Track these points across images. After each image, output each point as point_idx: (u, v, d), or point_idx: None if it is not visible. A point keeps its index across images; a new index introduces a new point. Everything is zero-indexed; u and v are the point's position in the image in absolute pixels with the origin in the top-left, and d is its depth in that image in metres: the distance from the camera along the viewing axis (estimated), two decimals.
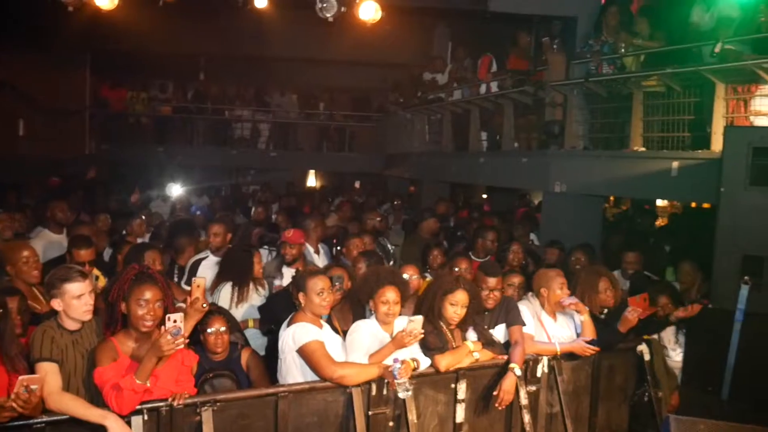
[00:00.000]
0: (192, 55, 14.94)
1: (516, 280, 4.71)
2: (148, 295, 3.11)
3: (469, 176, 10.57)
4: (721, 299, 4.06)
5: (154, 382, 3.06)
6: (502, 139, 9.50)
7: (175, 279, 5.31)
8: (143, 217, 7.24)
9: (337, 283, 4.05)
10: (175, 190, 11.72)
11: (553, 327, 4.36)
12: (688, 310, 4.43)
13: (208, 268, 5.16)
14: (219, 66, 15.49)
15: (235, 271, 4.83)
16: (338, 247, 6.16)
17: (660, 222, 10.98)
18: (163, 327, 2.98)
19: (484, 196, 13.01)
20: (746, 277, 3.91)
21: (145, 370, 2.99)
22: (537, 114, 8.82)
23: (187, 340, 3.11)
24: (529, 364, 4.03)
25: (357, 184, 13.66)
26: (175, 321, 2.98)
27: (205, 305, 3.34)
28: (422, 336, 3.60)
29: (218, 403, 3.22)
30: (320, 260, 5.82)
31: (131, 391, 2.96)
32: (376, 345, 3.68)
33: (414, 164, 12.78)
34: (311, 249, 5.97)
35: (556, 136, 8.09)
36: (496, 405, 3.81)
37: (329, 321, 3.93)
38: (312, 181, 17.62)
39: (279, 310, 4.23)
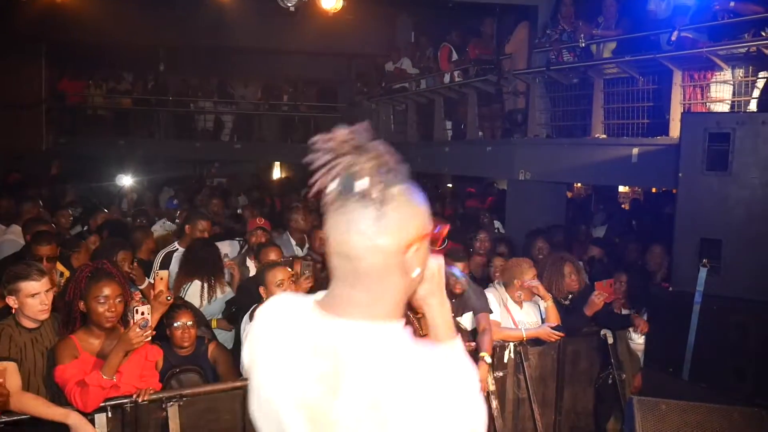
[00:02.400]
0: (151, 45, 14.61)
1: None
2: (107, 291, 3.05)
3: (434, 165, 10.61)
4: (681, 282, 4.14)
5: (119, 378, 3.01)
6: (466, 128, 9.56)
7: None
8: (105, 210, 7.10)
9: (306, 271, 4.04)
10: (126, 180, 11.48)
11: (519, 314, 4.42)
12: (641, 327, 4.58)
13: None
14: (179, 57, 15.19)
15: (203, 267, 4.74)
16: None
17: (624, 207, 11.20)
18: (131, 320, 2.96)
19: (449, 185, 13.07)
20: (704, 260, 3.99)
21: (112, 365, 2.95)
22: (500, 103, 8.89)
23: (153, 332, 3.08)
24: (496, 351, 4.08)
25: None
26: (143, 313, 2.96)
27: (169, 298, 3.30)
28: None
29: (184, 398, 3.19)
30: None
31: (98, 387, 2.91)
32: None
33: None
34: (293, 241, 5.99)
35: (520, 124, 8.17)
36: None
37: None
38: (278, 173, 17.46)
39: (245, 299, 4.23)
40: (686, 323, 4.16)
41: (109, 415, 3.00)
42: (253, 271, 5.04)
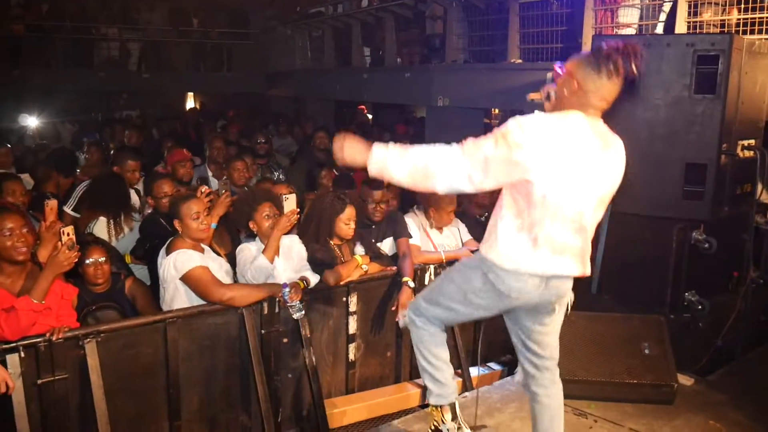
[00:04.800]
0: None
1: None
2: (10, 224, 2.90)
3: (352, 93, 10.47)
4: None
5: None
6: (384, 55, 9.42)
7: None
8: (8, 146, 6.67)
9: (222, 190, 4.03)
10: (31, 121, 10.75)
11: (438, 237, 4.51)
12: None
13: None
14: None
15: (109, 201, 4.54)
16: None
17: None
18: (59, 242, 2.93)
19: (369, 116, 12.97)
20: None
21: (42, 288, 2.89)
22: (419, 28, 8.78)
23: (78, 254, 3.00)
24: (417, 274, 4.16)
25: (230, 113, 12.83)
26: (68, 234, 2.93)
27: (62, 228, 3.19)
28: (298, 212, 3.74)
29: (102, 334, 3.10)
30: None
31: (29, 312, 2.83)
32: None
33: (297, 82, 12.46)
34: (210, 172, 6.00)
35: (437, 49, 8.13)
36: (396, 319, 3.94)
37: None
38: (191, 103, 16.77)
39: (153, 233, 4.13)
40: (595, 240, 4.37)
41: (22, 355, 2.89)
42: None
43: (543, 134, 2.32)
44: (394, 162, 2.43)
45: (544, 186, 2.33)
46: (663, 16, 5.65)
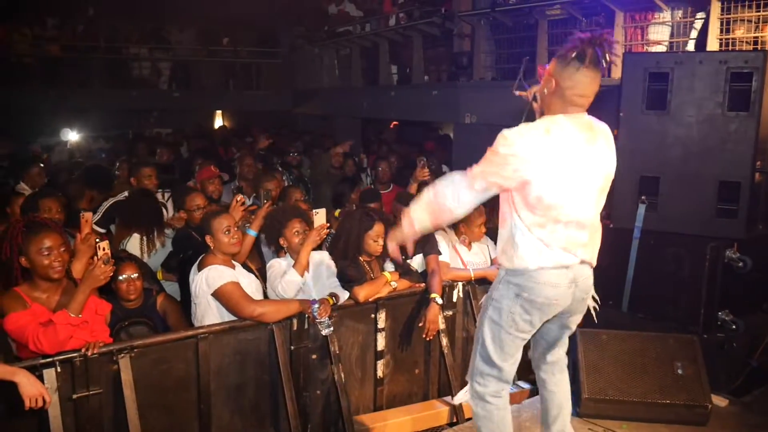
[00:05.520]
0: None
1: None
2: (48, 243, 2.96)
3: (379, 111, 10.52)
4: (621, 219, 4.28)
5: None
6: (412, 72, 9.48)
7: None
8: (41, 165, 6.81)
9: (265, 200, 4.13)
10: (72, 136, 11.01)
11: (467, 254, 4.49)
12: None
13: None
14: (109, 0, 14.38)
15: (143, 219, 4.61)
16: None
17: None
18: (95, 257, 2.97)
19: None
20: (643, 197, 4.13)
21: (79, 302, 2.92)
22: (445, 46, 8.82)
23: (113, 268, 3.04)
24: (446, 290, 4.16)
25: (254, 131, 12.92)
26: (104, 249, 2.97)
27: (98, 240, 3.25)
28: (329, 227, 3.80)
29: (135, 350, 3.15)
30: None
31: (66, 325, 2.87)
32: None
33: (324, 101, 12.57)
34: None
35: (465, 67, 8.15)
36: (423, 336, 3.94)
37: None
38: (219, 121, 17.00)
39: (186, 246, 4.18)
40: (626, 258, 4.33)
41: (58, 369, 2.94)
42: None
43: (528, 142, 2.45)
44: (415, 216, 2.62)
45: (538, 187, 2.44)
46: (694, 34, 5.60)
